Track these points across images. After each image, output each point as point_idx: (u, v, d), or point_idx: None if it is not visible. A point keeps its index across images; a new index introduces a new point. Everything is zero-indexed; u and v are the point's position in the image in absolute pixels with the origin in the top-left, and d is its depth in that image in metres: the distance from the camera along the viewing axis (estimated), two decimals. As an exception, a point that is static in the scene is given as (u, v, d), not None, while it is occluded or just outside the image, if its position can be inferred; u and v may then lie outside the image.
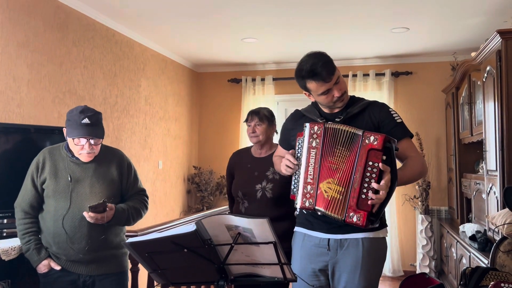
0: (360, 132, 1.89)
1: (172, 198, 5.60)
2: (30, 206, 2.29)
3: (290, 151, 2.10)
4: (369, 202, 1.82)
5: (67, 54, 3.74)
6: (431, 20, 4.22)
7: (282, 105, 6.10)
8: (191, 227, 1.51)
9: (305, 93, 2.13)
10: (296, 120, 2.25)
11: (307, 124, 2.00)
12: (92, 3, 3.84)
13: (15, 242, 2.37)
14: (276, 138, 2.94)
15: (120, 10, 3.99)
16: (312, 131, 1.97)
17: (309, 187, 1.95)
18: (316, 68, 1.97)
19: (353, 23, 4.32)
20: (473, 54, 4.05)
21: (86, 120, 2.20)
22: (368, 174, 1.84)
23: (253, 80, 6.06)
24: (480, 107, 3.77)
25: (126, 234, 2.54)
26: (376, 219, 1.87)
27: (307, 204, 1.96)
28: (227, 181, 3.01)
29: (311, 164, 1.96)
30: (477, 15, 4.08)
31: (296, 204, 1.99)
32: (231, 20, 4.24)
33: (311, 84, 2.02)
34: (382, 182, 1.82)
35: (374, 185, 1.82)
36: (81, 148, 2.24)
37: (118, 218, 2.29)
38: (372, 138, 1.85)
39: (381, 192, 1.81)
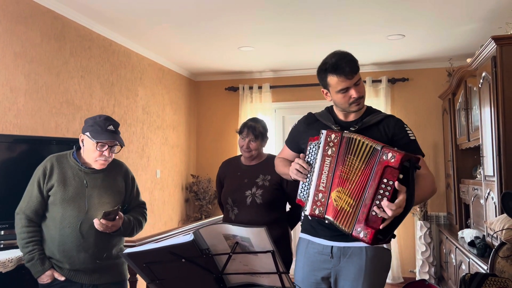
0: (379, 147, 1.82)
1: (170, 207, 5.59)
2: (35, 213, 2.27)
3: (301, 155, 2.05)
4: (377, 222, 1.76)
5: (64, 64, 3.75)
6: (427, 26, 4.25)
7: (279, 112, 6.11)
8: (189, 237, 1.50)
9: (323, 91, 2.09)
10: (309, 123, 2.19)
11: (324, 131, 1.96)
12: (89, 13, 3.85)
13: (12, 254, 2.36)
14: (265, 149, 2.95)
15: (117, 20, 4.01)
16: (329, 139, 1.94)
17: (320, 195, 1.92)
18: (341, 63, 1.96)
19: (349, 31, 4.35)
20: (468, 60, 4.07)
21: (111, 127, 2.29)
22: (381, 191, 1.78)
23: (250, 88, 6.07)
24: (477, 112, 3.78)
25: (125, 244, 2.55)
26: (384, 238, 1.82)
27: (316, 211, 1.92)
28: (217, 190, 3.02)
29: (325, 172, 1.92)
30: (472, 22, 4.10)
31: (305, 210, 1.96)
32: (227, 29, 4.26)
33: (332, 79, 1.99)
34: (396, 201, 1.75)
35: (384, 203, 1.76)
36: (99, 154, 2.27)
37: (125, 228, 2.33)
38: (390, 155, 1.78)
39: (391, 212, 1.75)
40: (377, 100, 5.64)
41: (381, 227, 1.77)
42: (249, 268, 1.61)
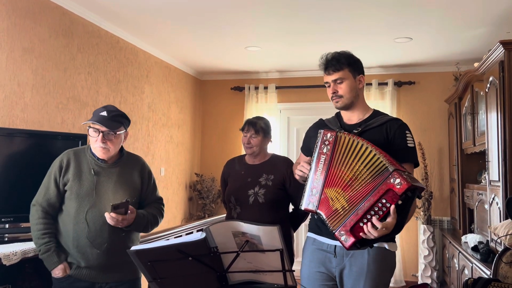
0: (391, 169, 1.82)
1: (173, 205, 5.60)
2: (51, 206, 2.27)
3: (307, 158, 2.13)
4: (361, 234, 1.82)
5: (71, 60, 3.76)
6: (434, 30, 4.23)
7: (285, 113, 6.11)
8: (199, 235, 1.50)
9: None
10: (318, 128, 2.26)
11: (321, 130, 2.04)
12: (97, 10, 3.87)
13: (16, 247, 2.37)
14: (270, 148, 2.96)
15: (125, 17, 4.02)
16: (324, 138, 2.01)
17: (314, 190, 1.97)
18: (329, 59, 2.14)
19: (356, 33, 4.34)
20: (476, 64, 4.06)
21: (104, 113, 2.26)
22: (376, 209, 1.82)
23: (256, 88, 6.07)
24: (483, 117, 3.77)
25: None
26: (361, 246, 1.88)
27: (310, 206, 1.97)
28: (221, 189, 3.04)
29: (319, 169, 1.98)
30: (480, 26, 4.09)
31: (301, 205, 2.00)
32: (235, 28, 4.26)
33: (323, 73, 2.17)
34: (384, 222, 1.79)
35: (374, 220, 1.80)
36: (94, 141, 2.24)
37: (138, 223, 2.29)
38: (398, 180, 1.78)
39: (376, 231, 1.79)
40: (383, 103, 5.62)
41: (360, 234, 1.82)
42: (253, 266, 1.61)
